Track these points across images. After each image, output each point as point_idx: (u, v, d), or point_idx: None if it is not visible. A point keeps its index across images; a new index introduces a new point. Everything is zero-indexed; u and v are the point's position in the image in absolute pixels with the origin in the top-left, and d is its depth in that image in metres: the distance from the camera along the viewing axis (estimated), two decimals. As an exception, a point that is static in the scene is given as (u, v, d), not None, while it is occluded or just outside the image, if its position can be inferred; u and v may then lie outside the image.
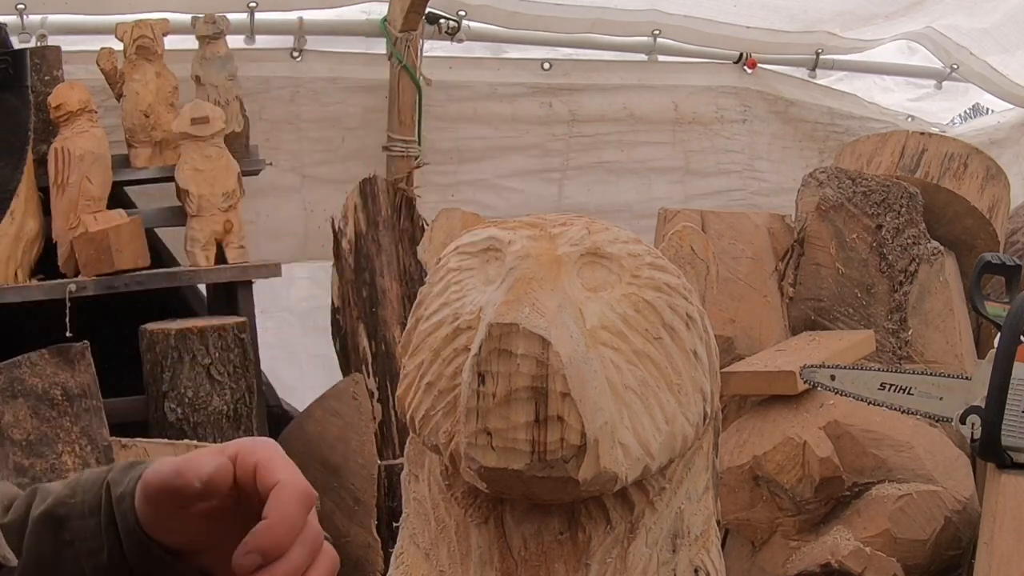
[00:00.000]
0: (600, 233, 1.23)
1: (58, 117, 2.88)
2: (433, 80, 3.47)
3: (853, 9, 3.88)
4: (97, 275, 2.80)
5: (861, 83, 4.39)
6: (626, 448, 1.16)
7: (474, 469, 1.15)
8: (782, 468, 2.51)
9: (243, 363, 2.79)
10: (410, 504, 1.33)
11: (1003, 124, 4.50)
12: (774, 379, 2.62)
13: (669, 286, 1.23)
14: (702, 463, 1.31)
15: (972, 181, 3.26)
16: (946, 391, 2.22)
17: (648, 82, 3.93)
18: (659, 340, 1.20)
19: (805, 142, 4.18)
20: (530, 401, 1.11)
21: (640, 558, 1.22)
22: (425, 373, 1.22)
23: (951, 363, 3.03)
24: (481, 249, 1.25)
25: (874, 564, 2.38)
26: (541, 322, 1.11)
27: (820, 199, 3.10)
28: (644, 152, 3.94)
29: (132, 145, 3.06)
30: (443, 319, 1.23)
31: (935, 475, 2.51)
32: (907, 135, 3.36)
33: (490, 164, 3.76)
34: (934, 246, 3.14)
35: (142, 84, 3.02)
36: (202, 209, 2.98)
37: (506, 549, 1.23)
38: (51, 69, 2.98)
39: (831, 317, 3.07)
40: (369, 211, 3.26)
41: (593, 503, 1.22)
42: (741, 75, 4.06)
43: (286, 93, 3.47)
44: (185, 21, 3.16)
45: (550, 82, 3.80)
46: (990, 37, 4.10)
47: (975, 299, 2.33)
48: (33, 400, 2.54)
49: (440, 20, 3.54)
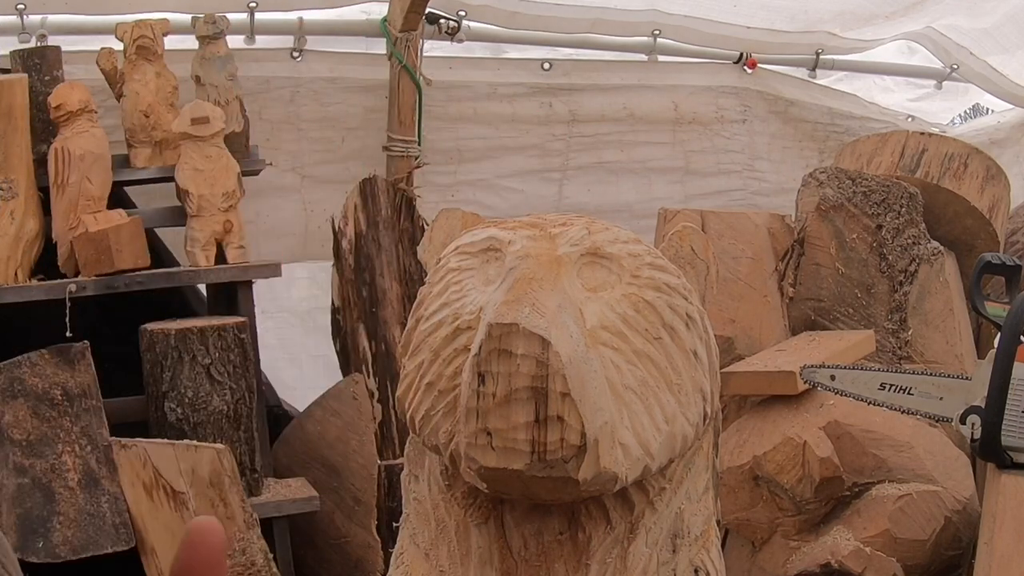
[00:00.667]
0: (600, 233, 1.23)
1: (58, 117, 2.88)
2: (433, 80, 3.47)
3: (853, 9, 3.88)
4: (97, 275, 2.80)
5: (861, 83, 4.39)
6: (626, 448, 1.16)
7: (474, 469, 1.15)
8: (782, 468, 2.51)
9: (243, 363, 2.79)
10: (410, 504, 1.33)
11: (1003, 124, 4.50)
12: (774, 379, 2.62)
13: (669, 286, 1.23)
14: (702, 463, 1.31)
15: (972, 181, 3.26)
16: (946, 391, 2.22)
17: (648, 82, 3.93)
18: (659, 340, 1.20)
19: (805, 142, 4.18)
20: (530, 401, 1.11)
21: (640, 558, 1.22)
22: (425, 373, 1.22)
23: (951, 363, 3.03)
24: (481, 249, 1.25)
25: (874, 564, 2.38)
26: (541, 322, 1.11)
27: (820, 199, 3.10)
28: (644, 152, 3.94)
29: (132, 145, 3.06)
30: (443, 319, 1.23)
31: (935, 475, 2.51)
32: (907, 135, 3.36)
33: (490, 164, 3.76)
34: (934, 246, 3.14)
35: (142, 84, 3.02)
36: (202, 209, 2.98)
37: (506, 549, 1.23)
38: (51, 69, 2.98)
39: (831, 317, 3.08)
40: (369, 211, 3.27)
41: (593, 503, 1.22)
42: (741, 75, 4.06)
43: (286, 93, 3.47)
44: (185, 21, 3.16)
45: (550, 82, 3.80)
46: (990, 37, 4.10)
47: (975, 299, 2.33)
48: (33, 400, 2.54)
49: (440, 20, 3.54)
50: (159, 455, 2.53)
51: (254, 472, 2.81)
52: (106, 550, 2.46)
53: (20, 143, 2.86)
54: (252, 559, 2.54)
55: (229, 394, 2.75)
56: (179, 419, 2.71)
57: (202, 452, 2.54)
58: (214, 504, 2.53)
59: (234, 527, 2.54)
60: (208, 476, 2.52)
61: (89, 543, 2.45)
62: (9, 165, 2.85)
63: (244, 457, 2.77)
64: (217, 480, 2.53)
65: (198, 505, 2.52)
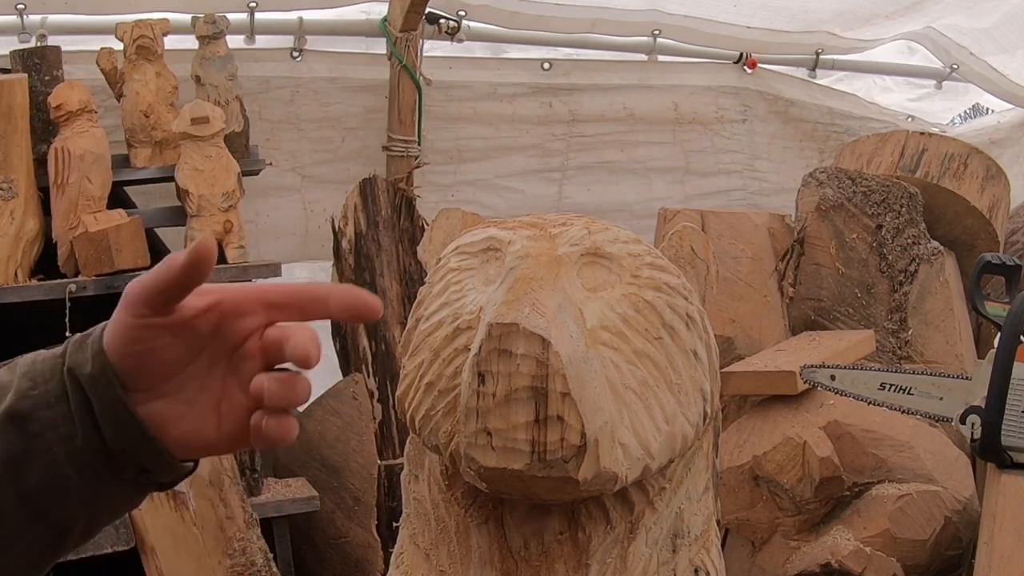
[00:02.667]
0: (600, 233, 1.23)
1: (58, 117, 2.88)
2: (433, 80, 3.46)
3: (853, 9, 3.88)
4: (97, 275, 2.80)
5: (861, 83, 4.39)
6: (626, 448, 1.16)
7: (474, 469, 1.15)
8: (782, 468, 2.51)
9: (243, 363, 2.78)
10: (410, 504, 1.33)
11: (1003, 124, 4.50)
12: (774, 379, 2.62)
13: (669, 286, 1.23)
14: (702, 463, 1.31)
15: (972, 181, 3.26)
16: (946, 391, 2.22)
17: (648, 82, 3.93)
18: (659, 340, 1.20)
19: (805, 142, 4.18)
20: (530, 401, 1.10)
21: (640, 558, 1.22)
22: (425, 373, 1.22)
23: (951, 363, 3.03)
24: (481, 249, 1.25)
25: (874, 564, 2.38)
26: (541, 322, 1.10)
27: (820, 199, 3.10)
28: (644, 152, 3.94)
29: (132, 145, 3.06)
30: (443, 319, 1.23)
31: (935, 475, 2.51)
32: (907, 135, 3.36)
33: (490, 164, 3.76)
34: (934, 246, 3.14)
35: (142, 84, 3.02)
36: (202, 209, 2.98)
37: (506, 549, 1.23)
38: (51, 69, 2.98)
39: (831, 317, 3.07)
40: (369, 211, 3.26)
41: (593, 503, 1.21)
42: (741, 75, 4.06)
43: (286, 93, 3.47)
44: (185, 21, 3.16)
45: (550, 82, 3.80)
46: (990, 37, 4.10)
47: (975, 299, 2.33)
48: (33, 400, 2.54)
49: (440, 20, 3.54)
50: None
51: (254, 472, 2.81)
52: (106, 550, 2.46)
53: (20, 143, 2.86)
54: (252, 559, 2.54)
55: (229, 394, 2.74)
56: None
57: (202, 452, 2.53)
58: (214, 504, 2.53)
59: (234, 527, 2.54)
60: (208, 476, 2.52)
61: (89, 543, 2.45)
62: (9, 165, 2.85)
63: (244, 457, 2.76)
64: (217, 480, 2.53)
65: (198, 505, 2.52)
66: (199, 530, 2.51)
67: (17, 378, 0.82)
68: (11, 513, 0.81)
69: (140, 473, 0.82)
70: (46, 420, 0.80)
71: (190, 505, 2.51)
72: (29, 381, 0.81)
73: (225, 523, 2.53)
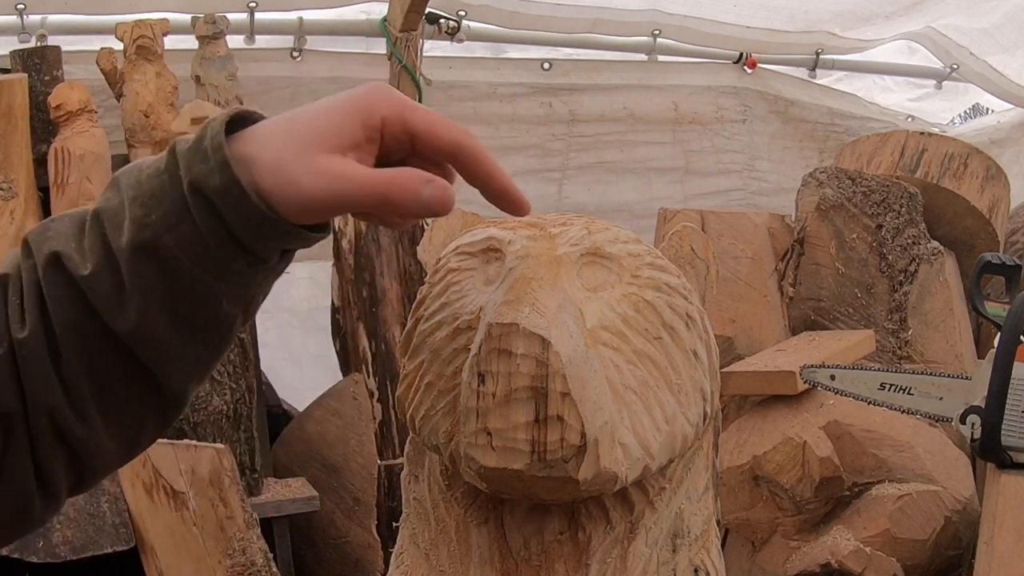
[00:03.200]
0: (600, 233, 1.23)
1: (58, 117, 2.88)
2: (433, 80, 3.47)
3: (853, 9, 3.89)
4: (97, 275, 2.80)
5: (861, 83, 4.39)
6: (626, 448, 1.16)
7: (474, 469, 1.15)
8: (782, 468, 2.51)
9: (243, 363, 2.79)
10: (410, 504, 1.33)
11: (1003, 124, 4.50)
12: (774, 379, 2.62)
13: (669, 286, 1.23)
14: (702, 463, 1.31)
15: (972, 181, 3.26)
16: (946, 391, 2.22)
17: (648, 82, 3.93)
18: (659, 340, 1.20)
19: (805, 142, 4.18)
20: (530, 401, 1.10)
21: (640, 558, 1.22)
22: (425, 373, 1.22)
23: (951, 363, 3.03)
24: (481, 249, 1.25)
25: (874, 564, 2.38)
26: (541, 322, 1.10)
27: (820, 199, 3.10)
28: (644, 152, 3.95)
29: (132, 145, 3.06)
30: (443, 319, 1.23)
31: (935, 475, 2.51)
32: (907, 135, 3.36)
33: (490, 164, 3.76)
34: (934, 246, 3.14)
35: (142, 84, 3.02)
36: (202, 209, 2.99)
37: (506, 549, 1.23)
38: (51, 69, 2.98)
39: (831, 317, 3.07)
40: (369, 211, 3.26)
41: (593, 503, 1.21)
42: (741, 75, 4.06)
43: (286, 93, 3.47)
44: (185, 21, 3.16)
45: (550, 82, 3.80)
46: (990, 37, 4.10)
47: (975, 299, 2.33)
48: (33, 400, 2.54)
49: (440, 20, 3.55)
50: (159, 455, 2.53)
51: (254, 472, 2.81)
52: (106, 550, 2.46)
53: (20, 143, 2.86)
54: (252, 559, 2.54)
55: (229, 394, 2.75)
56: (179, 419, 2.71)
57: (202, 452, 2.53)
58: (214, 504, 2.53)
59: (234, 527, 2.54)
60: (208, 476, 2.52)
61: (89, 543, 2.45)
62: (9, 165, 2.85)
63: (244, 457, 2.76)
64: (217, 480, 2.53)
65: (198, 505, 2.52)
66: (199, 530, 2.51)
67: (128, 204, 0.80)
68: (170, 336, 0.80)
69: (284, 253, 0.82)
70: (173, 244, 0.78)
71: (190, 505, 2.51)
72: (141, 208, 0.79)
73: (225, 523, 2.53)
